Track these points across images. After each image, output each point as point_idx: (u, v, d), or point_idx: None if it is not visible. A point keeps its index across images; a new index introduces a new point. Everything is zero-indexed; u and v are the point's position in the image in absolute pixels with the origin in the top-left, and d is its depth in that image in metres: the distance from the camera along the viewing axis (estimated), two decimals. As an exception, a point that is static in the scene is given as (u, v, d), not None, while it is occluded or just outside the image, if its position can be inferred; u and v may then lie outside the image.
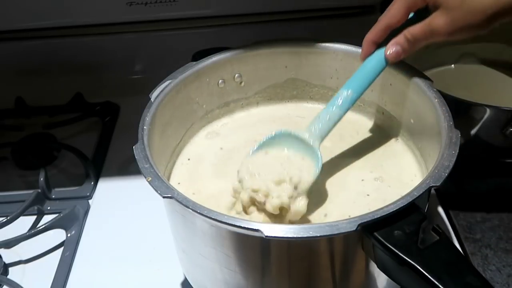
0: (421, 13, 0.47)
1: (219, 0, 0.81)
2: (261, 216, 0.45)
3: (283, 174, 0.46)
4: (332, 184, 0.50)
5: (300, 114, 0.59)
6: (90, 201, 0.66)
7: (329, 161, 0.53)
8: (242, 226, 0.38)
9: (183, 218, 0.43)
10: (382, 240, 0.37)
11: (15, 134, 0.76)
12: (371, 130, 0.57)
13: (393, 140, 0.56)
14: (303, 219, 0.46)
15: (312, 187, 0.46)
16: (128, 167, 0.70)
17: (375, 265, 0.39)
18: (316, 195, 0.49)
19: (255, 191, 0.45)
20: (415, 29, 0.47)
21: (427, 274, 0.35)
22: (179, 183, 0.53)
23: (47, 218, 0.63)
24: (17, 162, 0.72)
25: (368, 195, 0.49)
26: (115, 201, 0.66)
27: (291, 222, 0.45)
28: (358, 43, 0.51)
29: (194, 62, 0.55)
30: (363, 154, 0.54)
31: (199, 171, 0.54)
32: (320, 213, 0.48)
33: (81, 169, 0.69)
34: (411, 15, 0.48)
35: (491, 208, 0.61)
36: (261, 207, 0.45)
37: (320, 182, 0.50)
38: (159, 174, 0.42)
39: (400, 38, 0.48)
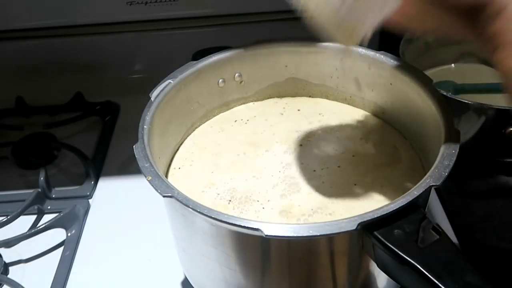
0: None
1: (219, 0, 0.81)
2: None
3: None
4: (333, 182, 0.50)
5: (299, 107, 0.59)
6: (90, 200, 0.66)
7: (330, 160, 0.53)
8: (242, 225, 0.38)
9: (183, 217, 0.43)
10: (382, 239, 0.37)
11: (15, 133, 0.76)
12: (371, 129, 0.57)
13: (393, 139, 0.56)
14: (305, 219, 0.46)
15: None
16: (128, 167, 0.70)
17: (375, 264, 0.39)
18: (319, 194, 0.49)
19: None
20: None
21: (427, 273, 0.35)
22: (179, 168, 0.53)
23: (47, 218, 0.63)
24: (17, 161, 0.72)
25: (368, 194, 0.49)
26: (115, 200, 0.66)
27: None
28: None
29: (194, 62, 0.55)
30: (363, 152, 0.54)
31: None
32: (322, 212, 0.48)
33: (81, 168, 0.70)
34: None
35: (491, 208, 0.61)
36: None
37: (320, 180, 0.50)
38: (159, 173, 0.42)
39: None
